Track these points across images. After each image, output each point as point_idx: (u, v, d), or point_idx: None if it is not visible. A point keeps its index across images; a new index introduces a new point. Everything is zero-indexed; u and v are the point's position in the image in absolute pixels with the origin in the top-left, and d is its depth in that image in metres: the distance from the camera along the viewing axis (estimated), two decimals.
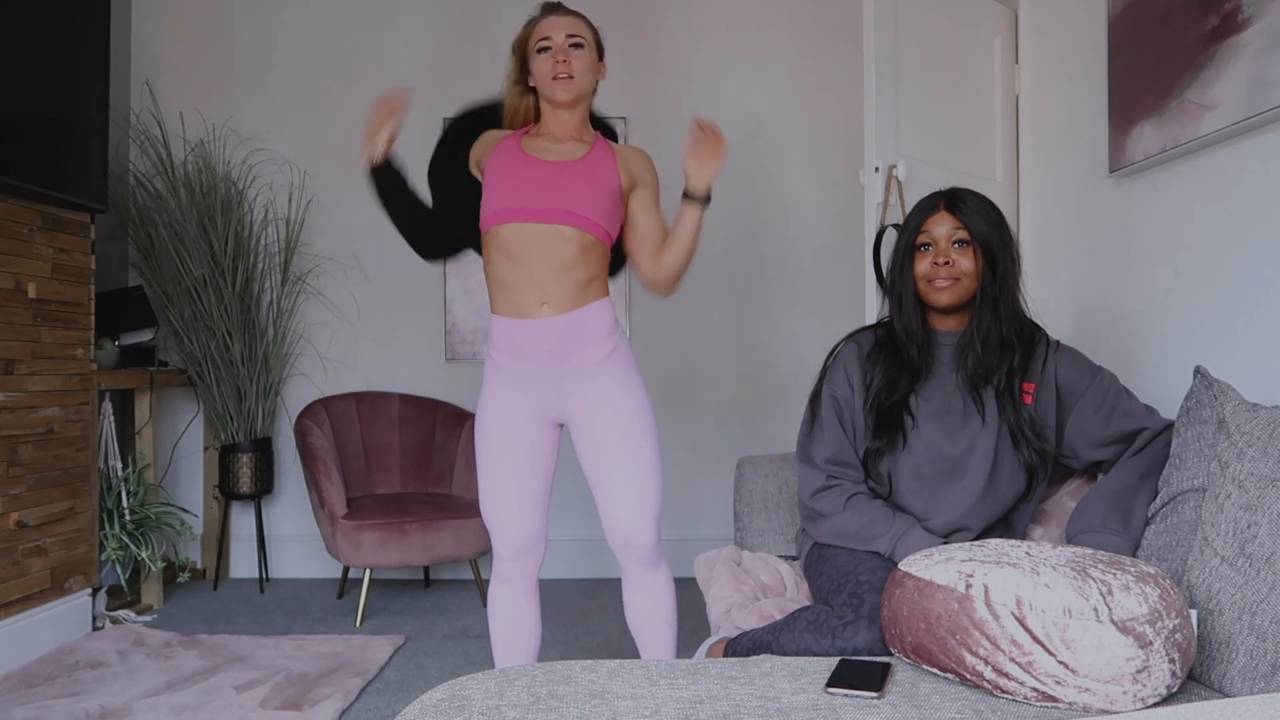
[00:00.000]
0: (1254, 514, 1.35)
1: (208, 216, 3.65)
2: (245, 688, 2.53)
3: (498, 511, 2.00)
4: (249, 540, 3.92)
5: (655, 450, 1.99)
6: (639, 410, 1.97)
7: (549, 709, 1.18)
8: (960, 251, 1.79)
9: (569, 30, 1.96)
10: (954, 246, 1.79)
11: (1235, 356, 1.98)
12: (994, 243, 1.78)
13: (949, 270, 1.78)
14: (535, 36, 1.99)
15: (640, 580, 2.06)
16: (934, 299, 1.81)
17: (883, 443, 1.83)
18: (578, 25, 1.98)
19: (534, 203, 1.90)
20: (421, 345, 4.00)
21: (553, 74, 1.94)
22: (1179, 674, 1.23)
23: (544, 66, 1.96)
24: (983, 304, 1.80)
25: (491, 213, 1.94)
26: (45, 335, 2.88)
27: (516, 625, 2.05)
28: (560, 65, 1.93)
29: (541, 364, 1.94)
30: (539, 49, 1.97)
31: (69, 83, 2.93)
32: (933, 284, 1.80)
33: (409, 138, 4.01)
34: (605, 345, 1.96)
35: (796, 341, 3.96)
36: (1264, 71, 1.81)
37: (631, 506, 1.96)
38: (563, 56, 1.94)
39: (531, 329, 1.92)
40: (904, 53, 2.69)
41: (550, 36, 1.96)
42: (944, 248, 1.80)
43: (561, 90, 1.95)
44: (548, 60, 1.95)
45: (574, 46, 1.96)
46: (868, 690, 1.25)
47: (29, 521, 2.80)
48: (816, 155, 3.97)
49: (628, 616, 2.12)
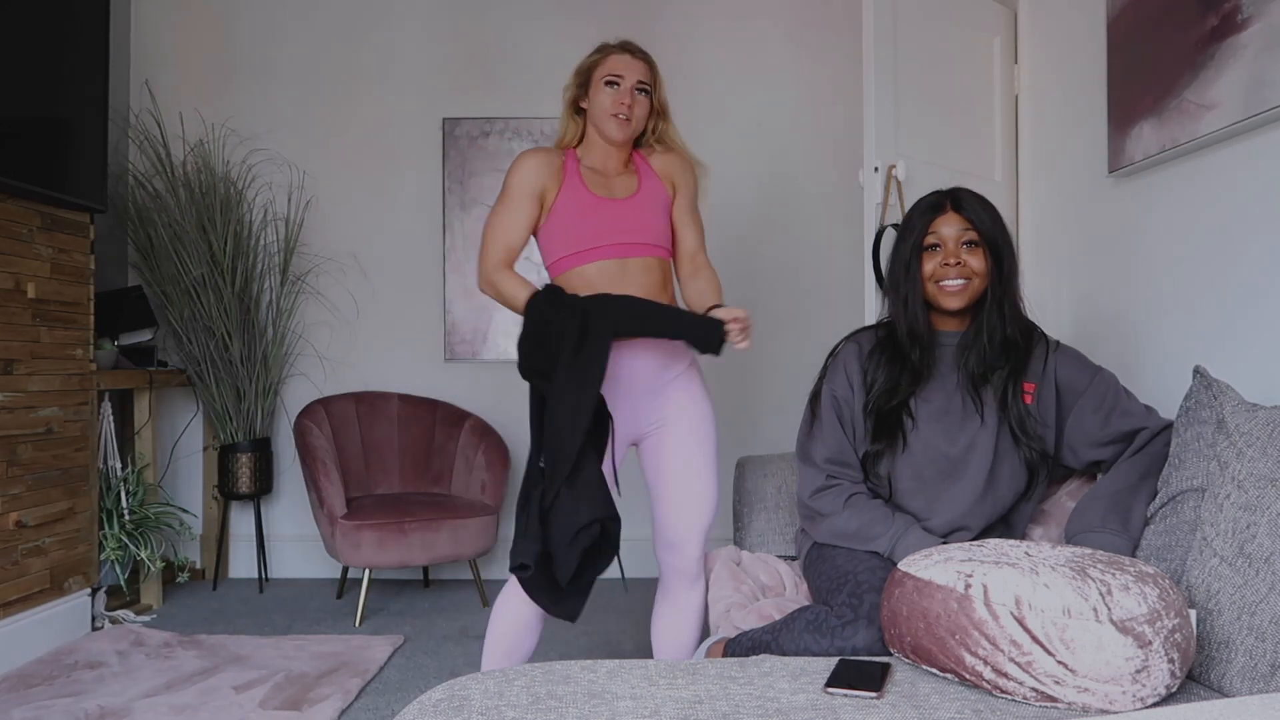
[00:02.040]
0: (1253, 514, 1.35)
1: (207, 216, 3.65)
2: (244, 688, 2.53)
3: None
4: (248, 540, 3.91)
5: (716, 466, 2.08)
6: (709, 426, 2.07)
7: (548, 709, 1.18)
8: (970, 251, 1.79)
9: (640, 76, 2.00)
10: (963, 247, 1.80)
11: (1234, 356, 1.98)
12: (1000, 242, 1.79)
13: (960, 270, 1.78)
14: (606, 69, 2.01)
15: (676, 590, 2.09)
16: (944, 303, 1.81)
17: (882, 445, 1.83)
18: (647, 73, 2.02)
19: (620, 239, 1.97)
20: (421, 345, 3.99)
21: (614, 111, 1.98)
22: (1178, 674, 1.23)
23: (606, 100, 1.99)
24: (990, 304, 1.80)
25: (573, 253, 1.98)
26: (44, 335, 2.88)
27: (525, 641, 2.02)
28: (623, 106, 1.97)
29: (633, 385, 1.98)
30: (607, 81, 1.99)
31: (68, 83, 2.93)
32: (942, 287, 1.80)
33: (410, 140, 4.03)
34: (683, 362, 2.07)
35: (795, 341, 3.96)
36: (1263, 71, 1.81)
37: (686, 512, 2.03)
38: (628, 99, 1.98)
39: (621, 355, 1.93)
40: (904, 53, 2.69)
41: (623, 76, 1.99)
42: (953, 248, 1.80)
43: (618, 130, 1.99)
44: (612, 96, 1.98)
45: (640, 92, 2.00)
46: (867, 690, 1.25)
47: (28, 521, 2.80)
48: (816, 155, 3.97)
49: (654, 627, 2.13)
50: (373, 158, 3.99)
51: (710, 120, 3.93)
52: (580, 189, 1.99)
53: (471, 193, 3.96)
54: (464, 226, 3.96)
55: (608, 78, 1.99)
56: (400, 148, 4.00)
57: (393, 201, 4.00)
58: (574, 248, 1.97)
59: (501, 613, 2.00)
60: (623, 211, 1.99)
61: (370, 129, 3.99)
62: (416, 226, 3.99)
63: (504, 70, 3.99)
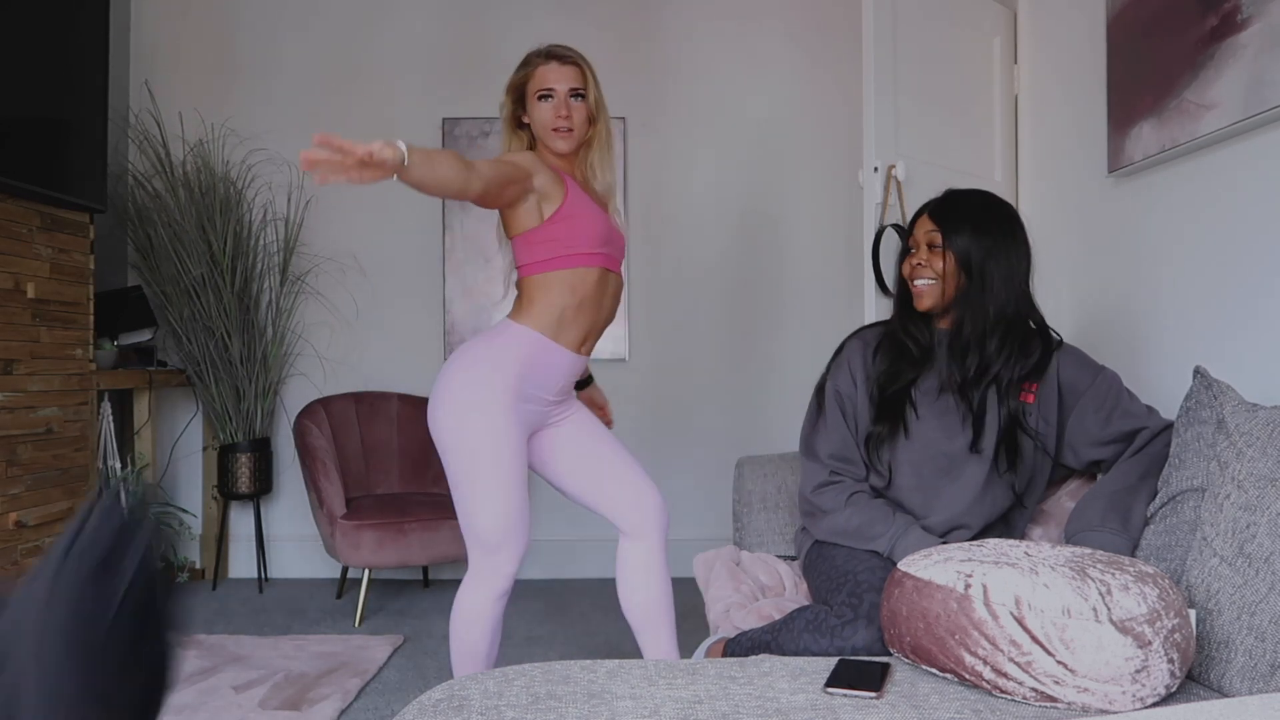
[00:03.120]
0: (1253, 514, 1.35)
1: (207, 216, 3.65)
2: (244, 688, 2.53)
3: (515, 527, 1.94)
4: (248, 540, 3.91)
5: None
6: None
7: (548, 709, 1.18)
8: (935, 254, 1.83)
9: (572, 84, 1.96)
10: (931, 250, 1.84)
11: (1235, 356, 1.98)
12: (971, 249, 1.79)
13: (924, 271, 1.84)
14: (537, 83, 1.97)
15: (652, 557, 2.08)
16: (915, 302, 1.86)
17: (884, 429, 1.84)
18: (578, 77, 1.98)
19: (612, 250, 1.99)
20: (420, 345, 3.99)
21: (553, 125, 1.95)
22: (1178, 674, 1.23)
23: (544, 115, 1.96)
24: (962, 306, 1.81)
25: (578, 254, 1.94)
26: (44, 335, 2.88)
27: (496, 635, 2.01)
28: (561, 119, 1.95)
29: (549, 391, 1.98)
30: (540, 96, 1.96)
31: (68, 83, 2.93)
32: (914, 286, 1.86)
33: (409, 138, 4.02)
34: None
35: (795, 341, 3.96)
36: (1263, 71, 1.81)
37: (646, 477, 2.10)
38: (564, 111, 1.94)
39: (564, 361, 1.97)
40: (903, 53, 2.69)
41: (554, 88, 1.95)
42: (923, 250, 1.85)
43: (561, 142, 1.96)
44: (548, 110, 1.95)
45: (575, 98, 1.97)
46: (867, 690, 1.25)
47: (28, 521, 2.80)
48: (816, 155, 3.97)
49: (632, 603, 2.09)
50: None
51: (710, 120, 3.93)
52: (581, 193, 1.97)
53: None
54: (464, 227, 3.96)
55: (540, 91, 1.96)
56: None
57: (392, 201, 3.99)
58: (584, 248, 1.93)
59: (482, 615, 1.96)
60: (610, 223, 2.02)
61: (370, 129, 3.99)
62: (416, 226, 3.99)
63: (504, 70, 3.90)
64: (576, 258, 1.95)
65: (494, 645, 2.01)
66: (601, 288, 1.98)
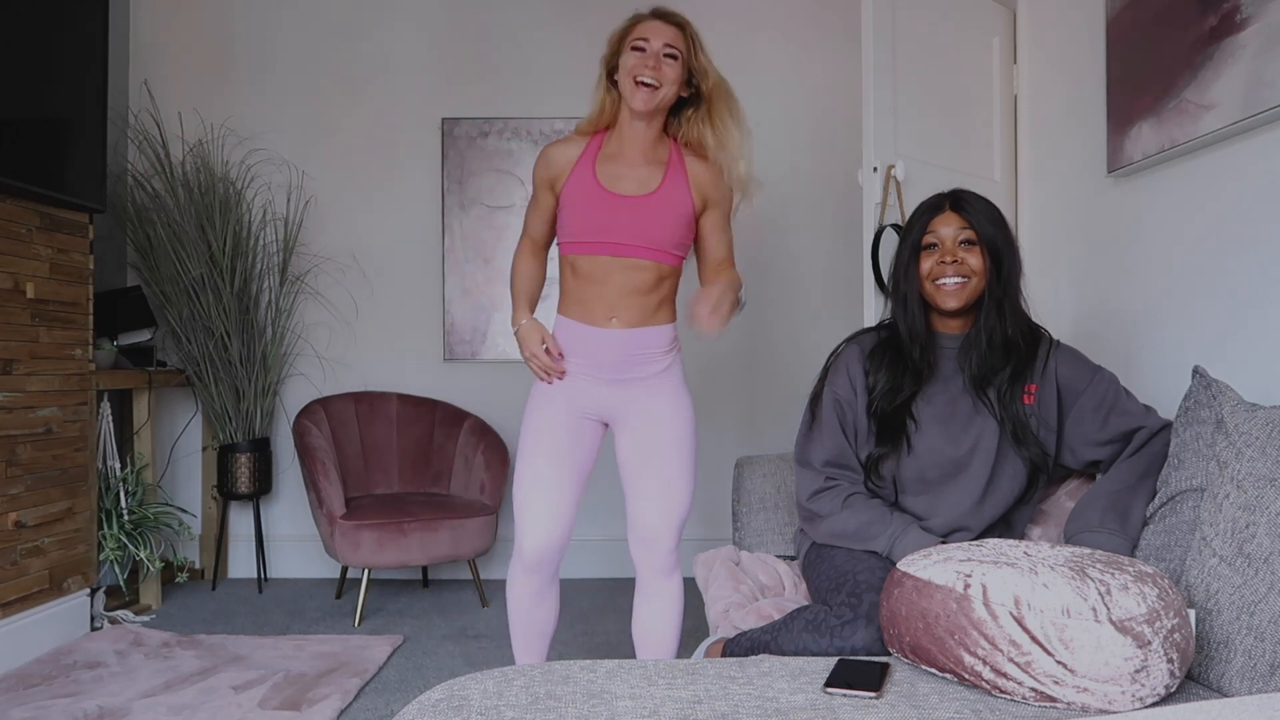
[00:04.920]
0: (1252, 514, 1.35)
1: (206, 217, 3.65)
2: (243, 688, 2.52)
3: (529, 501, 2.01)
4: (247, 540, 3.91)
5: (692, 462, 2.07)
6: (684, 423, 2.06)
7: (547, 709, 1.18)
8: (967, 250, 1.80)
9: (668, 40, 1.93)
10: (960, 246, 1.80)
11: (1234, 356, 1.98)
12: (999, 243, 1.79)
13: (957, 269, 1.78)
14: (633, 34, 1.95)
15: (652, 585, 2.09)
16: (941, 302, 1.80)
17: (886, 449, 1.83)
18: (677, 37, 1.95)
19: (612, 238, 1.95)
20: (420, 345, 3.99)
21: (636, 74, 1.90)
22: (1177, 674, 1.23)
23: (631, 61, 1.92)
24: (989, 305, 1.80)
25: (570, 241, 1.99)
26: (43, 335, 2.88)
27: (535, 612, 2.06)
28: (647, 69, 1.89)
29: (600, 370, 2.00)
30: (633, 46, 1.93)
31: (67, 83, 2.93)
32: (940, 286, 1.80)
33: (409, 140, 4.03)
34: (662, 362, 2.03)
35: (795, 341, 3.96)
36: (1262, 71, 1.81)
37: (659, 506, 2.03)
38: (653, 63, 1.91)
39: (594, 335, 1.98)
40: (902, 53, 2.69)
41: (649, 40, 1.93)
42: (950, 247, 1.80)
43: (641, 98, 1.90)
44: (636, 58, 1.91)
45: (668, 57, 1.93)
46: (866, 690, 1.25)
47: (27, 522, 2.80)
48: (815, 155, 3.97)
49: (634, 624, 2.13)
50: (372, 158, 3.99)
51: None
52: (588, 180, 1.96)
53: (470, 193, 3.95)
54: (463, 226, 3.96)
55: (635, 41, 1.93)
56: (399, 148, 4.00)
57: (392, 201, 3.99)
58: (572, 237, 1.99)
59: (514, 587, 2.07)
60: (627, 209, 1.94)
61: (369, 129, 3.99)
62: (415, 226, 3.99)
63: (503, 70, 3.99)
64: (574, 245, 1.99)
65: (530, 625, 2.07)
66: (606, 273, 1.96)
